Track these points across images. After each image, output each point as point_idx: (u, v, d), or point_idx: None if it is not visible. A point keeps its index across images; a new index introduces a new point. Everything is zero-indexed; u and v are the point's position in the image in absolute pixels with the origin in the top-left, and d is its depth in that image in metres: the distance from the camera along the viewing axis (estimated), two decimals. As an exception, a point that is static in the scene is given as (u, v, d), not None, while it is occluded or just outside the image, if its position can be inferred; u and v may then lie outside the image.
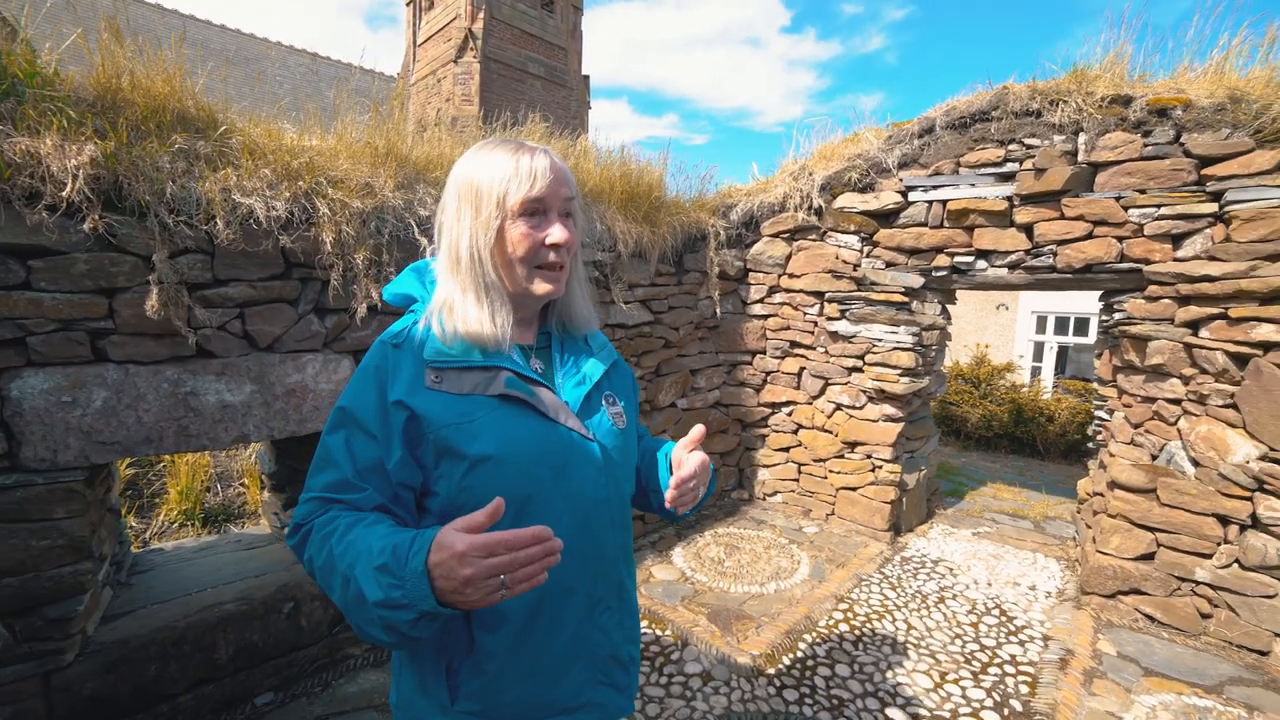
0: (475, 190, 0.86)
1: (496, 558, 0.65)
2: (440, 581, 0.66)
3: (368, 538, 0.73)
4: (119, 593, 2.13)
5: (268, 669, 2.15)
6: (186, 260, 1.83)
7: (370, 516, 0.79)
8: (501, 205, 0.85)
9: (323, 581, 0.78)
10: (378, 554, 0.70)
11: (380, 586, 0.68)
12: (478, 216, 0.86)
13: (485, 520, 0.67)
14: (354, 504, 0.81)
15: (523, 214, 0.86)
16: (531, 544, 0.66)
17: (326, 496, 0.82)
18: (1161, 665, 2.50)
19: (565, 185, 0.89)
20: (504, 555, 0.65)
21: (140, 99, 1.80)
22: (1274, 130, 2.50)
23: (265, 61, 11.38)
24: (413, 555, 0.67)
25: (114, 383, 1.75)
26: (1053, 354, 9.82)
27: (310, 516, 0.82)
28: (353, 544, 0.74)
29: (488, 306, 0.87)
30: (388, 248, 2.25)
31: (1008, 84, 3.21)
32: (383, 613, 0.67)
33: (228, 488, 3.67)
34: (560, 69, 16.07)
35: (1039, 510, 4.40)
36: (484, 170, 0.86)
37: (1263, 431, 2.50)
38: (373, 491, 0.82)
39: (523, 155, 0.86)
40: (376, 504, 0.82)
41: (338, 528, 0.77)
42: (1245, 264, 2.55)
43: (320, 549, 0.77)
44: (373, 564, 0.69)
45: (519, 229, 0.86)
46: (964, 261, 3.40)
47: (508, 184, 0.85)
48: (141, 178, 1.70)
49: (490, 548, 0.65)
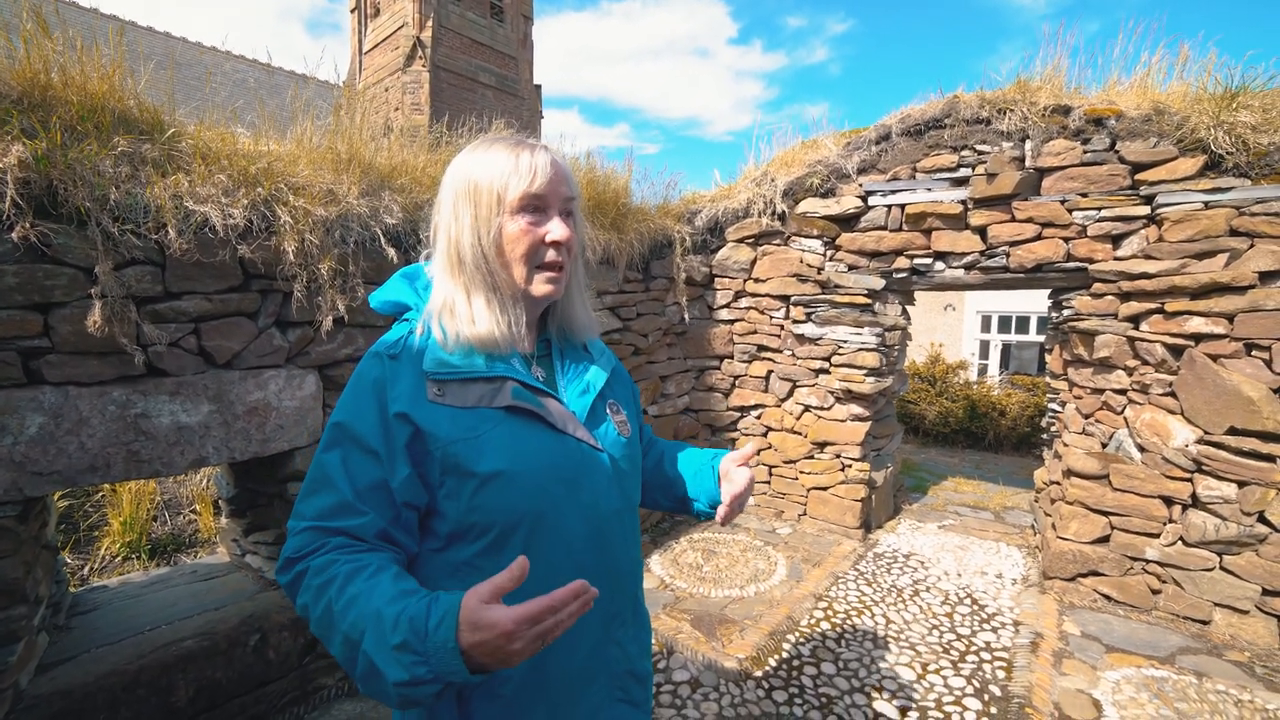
0: (474, 186, 0.83)
1: (543, 624, 0.61)
2: (483, 658, 0.61)
3: (372, 598, 0.67)
4: (57, 638, 1.94)
5: (233, 707, 2.00)
6: (134, 272, 1.70)
7: (372, 563, 0.72)
8: (501, 201, 0.82)
9: (319, 633, 0.71)
10: (392, 629, 0.63)
11: (402, 666, 0.62)
12: (477, 213, 0.83)
13: (511, 585, 0.62)
14: (353, 532, 0.75)
15: (522, 210, 0.83)
16: (572, 601, 0.63)
17: (322, 526, 0.75)
18: (1121, 641, 2.64)
19: (566, 184, 0.87)
20: (550, 620, 0.61)
21: (75, 97, 1.66)
22: (1193, 140, 2.71)
23: (209, 68, 10.85)
24: (434, 629, 0.61)
25: (51, 406, 1.60)
26: (998, 351, 10.34)
27: (303, 551, 0.75)
28: (355, 602, 0.67)
29: (497, 307, 0.84)
30: (353, 257, 2.16)
31: (958, 93, 3.37)
32: (405, 691, 0.62)
33: (177, 515, 3.42)
34: (511, 78, 15.96)
35: (998, 501, 4.59)
36: (483, 166, 0.83)
37: (1198, 416, 2.69)
38: (374, 516, 0.76)
39: (523, 151, 0.84)
40: (378, 530, 0.76)
41: (336, 576, 0.71)
42: (1177, 262, 2.75)
43: (317, 599, 0.71)
44: (389, 641, 0.63)
45: (517, 225, 0.83)
46: (923, 263, 3.53)
47: (507, 179, 0.82)
48: (80, 182, 1.57)
49: (538, 616, 0.61)
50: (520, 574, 0.62)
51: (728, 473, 0.97)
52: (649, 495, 1.11)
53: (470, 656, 0.61)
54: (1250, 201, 2.59)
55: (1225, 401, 2.59)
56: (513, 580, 0.62)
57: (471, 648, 0.60)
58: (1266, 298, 2.52)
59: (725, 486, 0.96)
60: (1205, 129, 2.64)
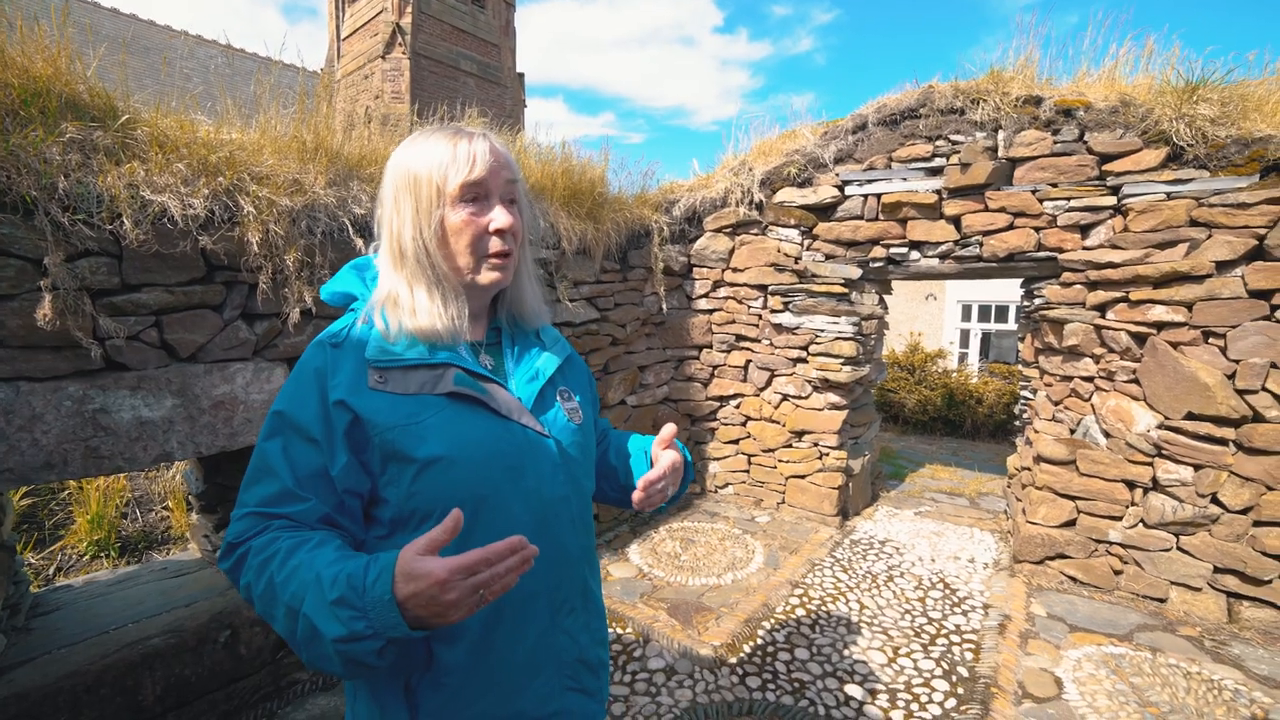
0: (413, 178, 0.83)
1: (478, 575, 0.63)
2: (419, 610, 0.63)
3: (313, 565, 0.68)
4: (16, 639, 1.90)
5: (203, 705, 1.99)
6: (88, 263, 1.66)
7: (314, 537, 0.73)
8: (441, 192, 0.82)
9: (263, 610, 0.71)
10: (330, 585, 0.64)
11: (340, 621, 0.63)
12: (418, 206, 0.82)
13: (446, 537, 0.64)
14: (296, 517, 0.75)
15: (463, 199, 0.83)
16: (509, 555, 0.65)
17: (264, 511, 0.75)
18: (1084, 621, 2.72)
19: (507, 168, 0.86)
20: (485, 572, 0.63)
21: (15, 79, 1.60)
22: (1157, 132, 2.76)
23: (168, 51, 10.52)
24: (372, 584, 0.63)
25: (1, 403, 1.56)
26: (978, 340, 10.49)
27: (245, 535, 0.75)
28: (296, 571, 0.68)
29: (439, 299, 0.83)
30: (320, 248, 2.12)
31: (933, 83, 3.39)
32: (344, 647, 0.63)
33: (148, 512, 3.37)
34: (494, 66, 15.72)
35: (973, 487, 4.68)
36: (421, 157, 0.83)
37: (1159, 402, 2.76)
38: (316, 502, 0.76)
39: (460, 140, 0.84)
40: (321, 515, 0.76)
41: (278, 551, 0.71)
42: (1141, 251, 2.81)
43: (259, 576, 0.71)
44: (326, 598, 0.64)
45: (460, 215, 0.83)
46: (899, 253, 3.56)
47: (446, 169, 0.82)
48: (24, 170, 1.52)
49: (472, 567, 0.63)
50: (454, 526, 0.64)
51: (656, 457, 0.97)
52: (598, 487, 1.10)
53: (407, 609, 0.62)
54: (1209, 193, 2.64)
55: (1184, 387, 2.66)
56: (446, 533, 0.64)
57: (407, 599, 0.62)
58: (1222, 286, 2.59)
59: (646, 474, 0.95)
60: (1168, 121, 2.69)
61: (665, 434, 0.97)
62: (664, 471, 0.93)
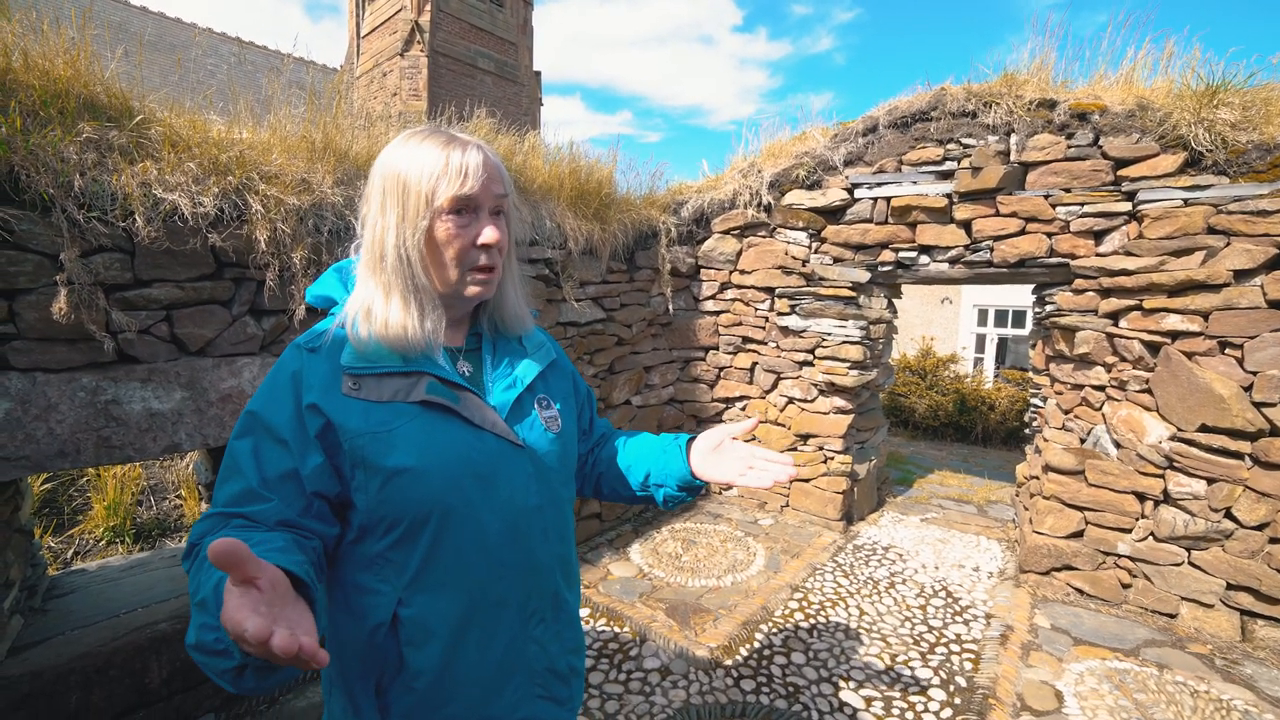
0: (402, 184, 0.81)
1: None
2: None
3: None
4: (32, 620, 1.97)
5: (207, 689, 2.04)
6: (102, 259, 1.71)
7: (255, 536, 0.68)
8: (429, 203, 0.80)
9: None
10: (208, 583, 0.59)
11: (194, 627, 0.58)
12: (404, 213, 0.81)
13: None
14: (254, 517, 0.72)
15: (452, 211, 0.81)
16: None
17: (225, 511, 0.73)
18: (1089, 634, 2.67)
19: (498, 182, 0.85)
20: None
21: (37, 81, 1.66)
22: (1175, 136, 2.70)
23: (192, 48, 10.73)
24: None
25: (18, 392, 1.62)
26: (993, 345, 10.33)
27: (204, 537, 0.71)
28: (208, 572, 0.63)
29: (415, 309, 0.82)
30: (327, 246, 2.16)
31: (945, 86, 3.35)
32: (201, 658, 0.58)
33: (162, 500, 3.46)
34: (511, 64, 15.81)
35: (982, 495, 4.62)
36: (412, 164, 0.81)
37: (1172, 413, 2.70)
38: (279, 503, 0.74)
39: (454, 150, 0.81)
40: (282, 518, 0.73)
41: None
42: (1156, 259, 2.75)
43: (197, 573, 0.66)
44: (195, 598, 0.59)
45: (448, 228, 0.81)
46: (908, 257, 3.53)
47: (436, 180, 0.80)
48: (43, 168, 1.57)
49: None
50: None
51: (721, 444, 1.01)
52: (608, 487, 1.10)
53: None
54: (1228, 199, 2.58)
55: (1198, 399, 2.60)
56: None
57: None
58: (1240, 296, 2.53)
59: (733, 453, 0.98)
60: (1186, 125, 2.63)
61: (748, 426, 1.01)
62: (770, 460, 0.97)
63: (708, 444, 1.01)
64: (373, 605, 0.80)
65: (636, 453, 1.08)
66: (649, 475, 1.05)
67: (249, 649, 0.49)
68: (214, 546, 0.48)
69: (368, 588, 0.80)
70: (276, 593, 0.54)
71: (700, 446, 1.02)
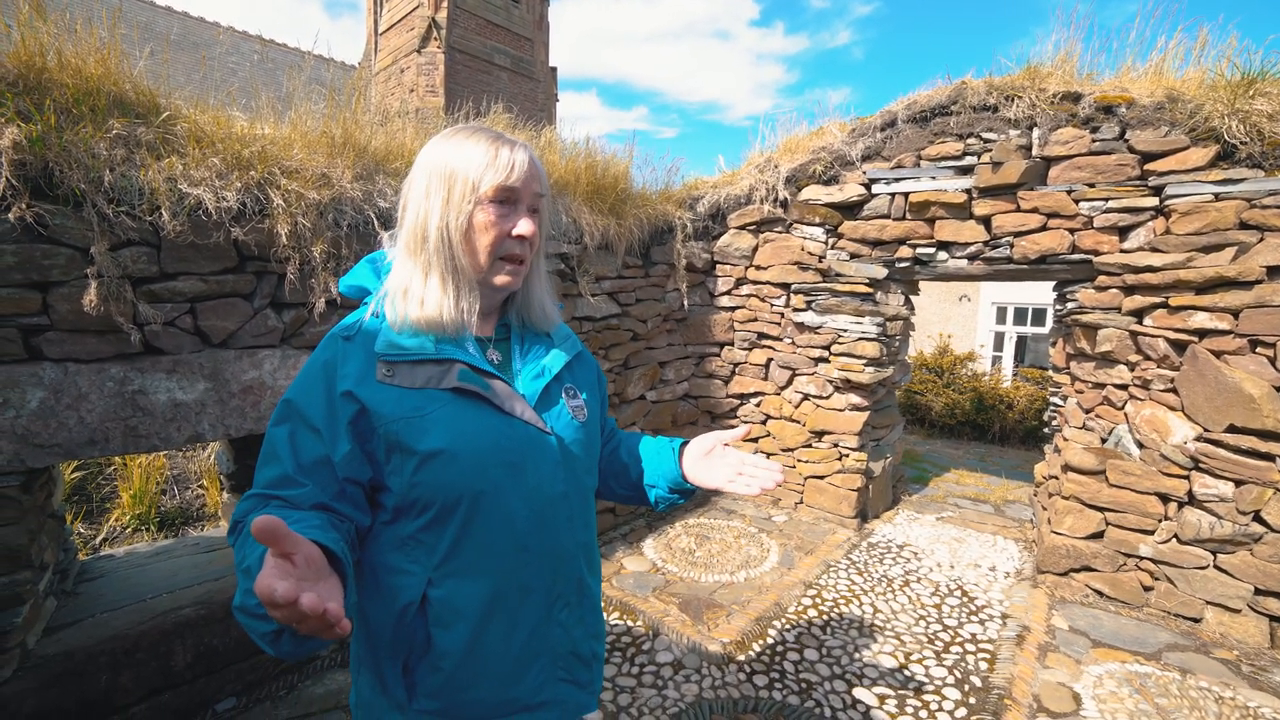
0: (450, 171, 0.85)
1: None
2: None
3: None
4: (64, 602, 2.03)
5: (229, 674, 2.09)
6: (130, 253, 1.75)
7: (295, 515, 0.72)
8: (475, 189, 0.84)
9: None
10: (253, 551, 0.65)
11: (241, 590, 0.62)
12: (450, 197, 0.85)
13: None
14: (291, 500, 0.77)
15: (494, 200, 0.85)
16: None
17: (265, 493, 0.78)
18: (1108, 637, 2.63)
19: (538, 181, 0.89)
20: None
21: (70, 80, 1.70)
22: (1206, 129, 2.63)
23: (215, 47, 10.91)
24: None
25: (51, 382, 1.67)
26: (1012, 343, 10.16)
27: (247, 514, 0.77)
28: (253, 545, 0.68)
29: (452, 290, 0.86)
30: (346, 240, 2.19)
31: (966, 79, 3.29)
32: (244, 620, 0.62)
33: (185, 490, 3.54)
34: (527, 60, 15.83)
35: (999, 494, 4.56)
36: (461, 154, 0.85)
37: (1198, 413, 2.64)
38: (313, 488, 0.78)
39: (502, 146, 0.86)
40: (316, 501, 0.77)
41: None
42: (1183, 255, 2.68)
43: (242, 547, 0.72)
44: (241, 564, 0.65)
45: (488, 215, 0.85)
46: (926, 253, 3.48)
47: (484, 171, 0.84)
48: (75, 164, 1.61)
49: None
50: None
51: (711, 450, 1.03)
52: (604, 484, 1.12)
53: None
54: (1263, 193, 2.51)
55: (1226, 399, 2.54)
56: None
57: None
58: (1274, 293, 2.46)
59: (723, 459, 1.00)
60: (1219, 117, 2.56)
61: (739, 432, 1.03)
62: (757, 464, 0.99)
63: (700, 449, 1.04)
64: (403, 585, 0.82)
65: (634, 453, 1.12)
66: (643, 475, 1.09)
67: (278, 615, 0.53)
68: (256, 523, 0.52)
69: (398, 568, 0.83)
70: (311, 568, 0.58)
71: (693, 451, 1.05)
